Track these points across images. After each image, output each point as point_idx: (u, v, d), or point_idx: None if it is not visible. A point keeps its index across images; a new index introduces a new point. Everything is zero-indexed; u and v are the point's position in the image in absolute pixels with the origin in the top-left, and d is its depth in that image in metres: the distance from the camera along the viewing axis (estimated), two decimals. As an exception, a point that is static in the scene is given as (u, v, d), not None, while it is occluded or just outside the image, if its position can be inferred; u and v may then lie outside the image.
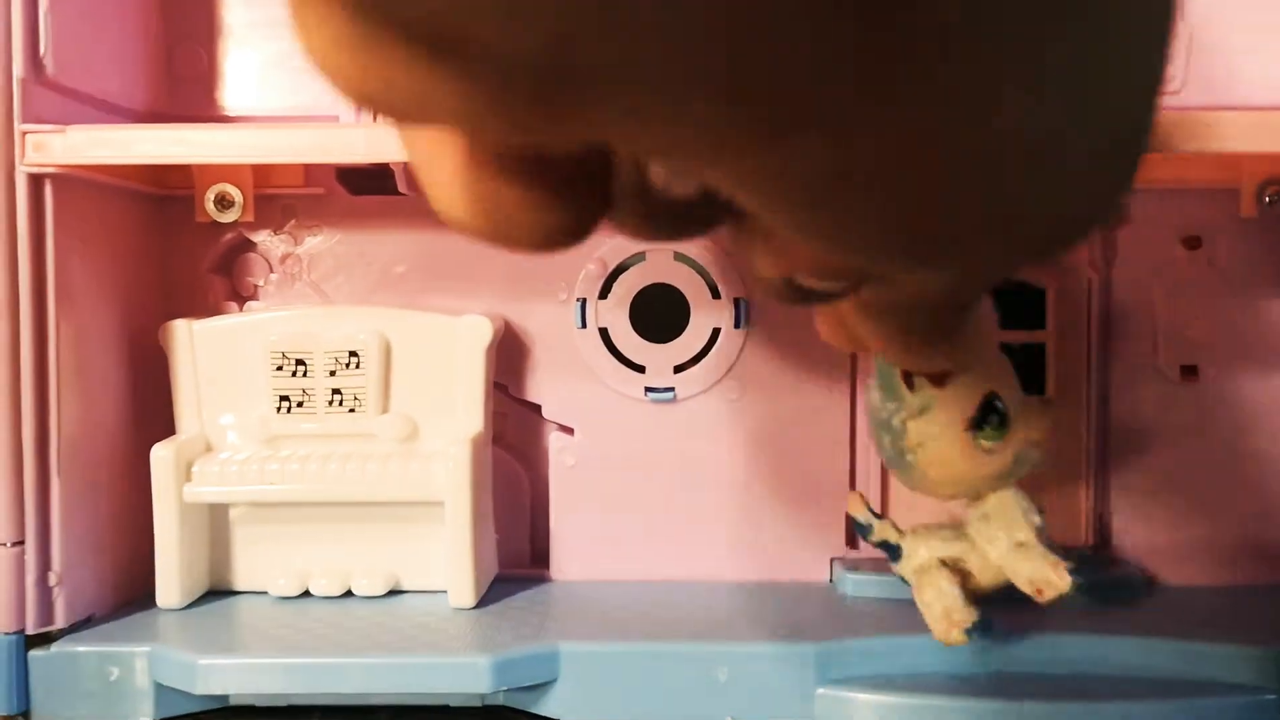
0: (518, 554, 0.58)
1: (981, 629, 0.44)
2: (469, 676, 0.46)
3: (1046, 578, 0.44)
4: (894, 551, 0.48)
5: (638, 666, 0.47)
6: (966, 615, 0.44)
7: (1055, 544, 0.45)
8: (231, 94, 0.57)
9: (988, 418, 0.44)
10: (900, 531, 0.48)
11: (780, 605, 0.52)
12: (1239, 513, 0.55)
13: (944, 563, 0.47)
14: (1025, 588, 0.44)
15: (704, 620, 0.50)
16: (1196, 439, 0.55)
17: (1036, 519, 0.46)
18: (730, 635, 0.48)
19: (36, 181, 0.47)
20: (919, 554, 0.47)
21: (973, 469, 0.45)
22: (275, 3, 0.56)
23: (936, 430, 0.44)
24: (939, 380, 0.44)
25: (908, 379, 0.44)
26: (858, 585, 0.54)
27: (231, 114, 0.57)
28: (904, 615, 0.50)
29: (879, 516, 0.49)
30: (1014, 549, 0.46)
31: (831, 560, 0.56)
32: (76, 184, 0.49)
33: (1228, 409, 0.55)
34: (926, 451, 0.44)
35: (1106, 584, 0.52)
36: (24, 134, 0.46)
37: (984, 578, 0.46)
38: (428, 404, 0.54)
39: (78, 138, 0.47)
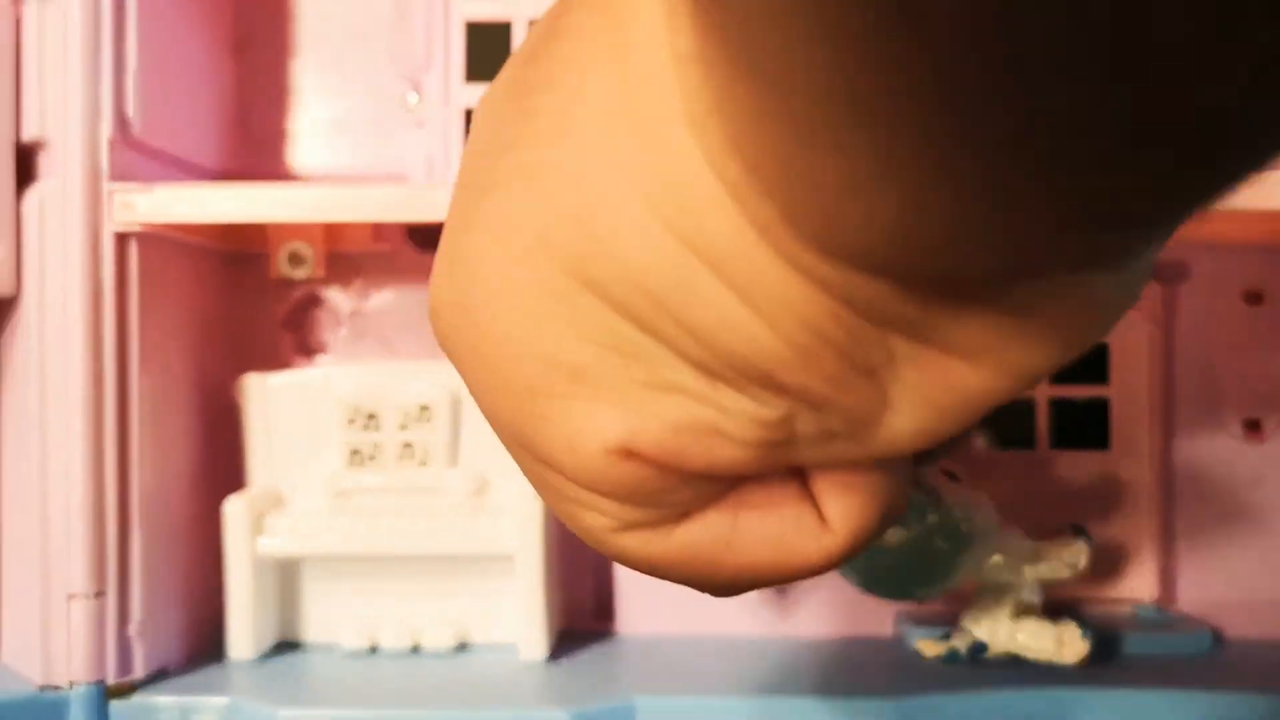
0: (580, 607, 0.58)
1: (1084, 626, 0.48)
2: (546, 731, 0.46)
3: (1053, 651, 0.46)
4: (983, 646, 0.50)
5: (712, 721, 0.47)
6: (1070, 628, 0.48)
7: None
8: (300, 153, 0.58)
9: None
10: (968, 628, 0.50)
11: (850, 661, 0.52)
12: (1305, 568, 0.55)
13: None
14: (1044, 657, 0.47)
15: (776, 675, 0.50)
16: (1261, 493, 0.55)
17: (1031, 572, 0.48)
18: (804, 691, 0.48)
19: (122, 240, 0.48)
20: (995, 628, 0.48)
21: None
22: (342, 65, 0.58)
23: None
24: None
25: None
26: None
27: (300, 173, 0.58)
28: (973, 671, 0.50)
29: (948, 635, 0.50)
30: (1014, 621, 0.49)
31: (896, 614, 0.56)
32: (158, 241, 0.50)
33: (1292, 464, 0.55)
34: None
35: (1174, 639, 0.52)
36: (112, 193, 0.48)
37: None
38: (498, 459, 0.54)
39: (163, 196, 0.48)
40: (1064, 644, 0.48)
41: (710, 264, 0.18)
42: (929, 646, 0.51)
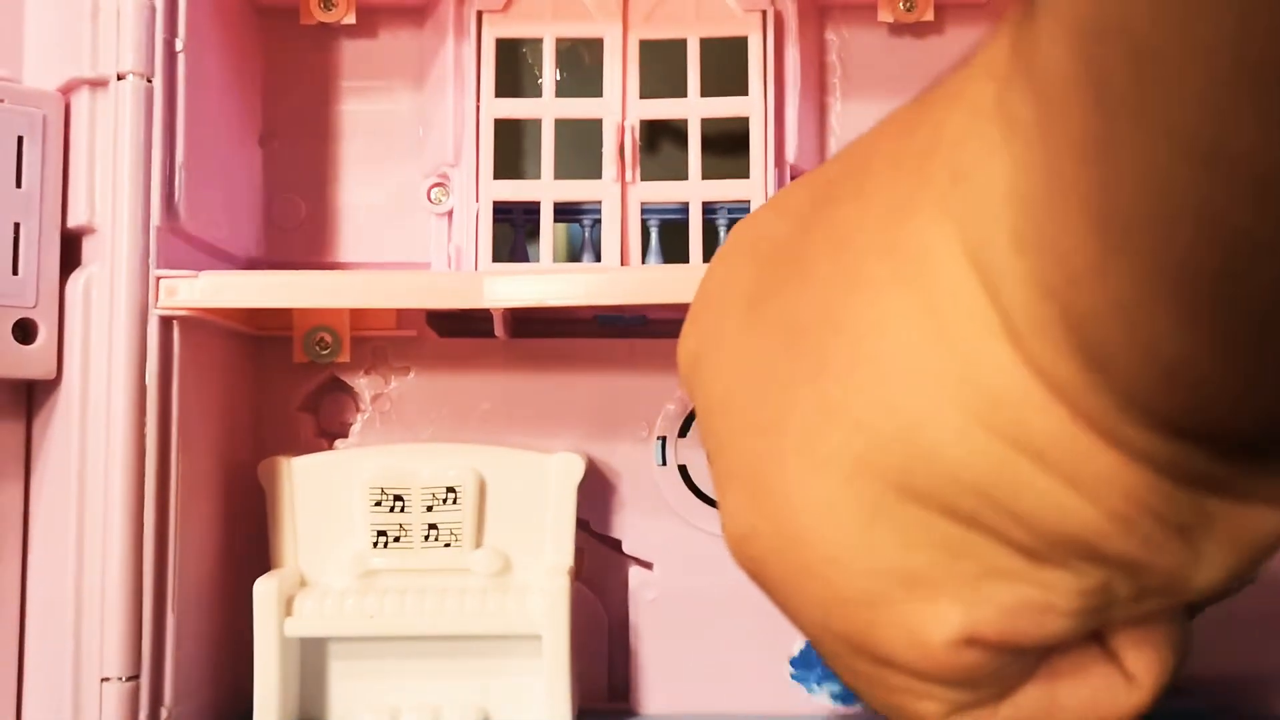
0: (595, 688, 0.59)
1: None
2: (586, 807, 0.47)
3: None
4: None
5: (745, 796, 0.48)
6: None
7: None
8: (324, 242, 0.60)
9: None
10: None
11: (866, 735, 0.54)
12: (1287, 642, 0.58)
13: None
14: None
15: (799, 750, 0.52)
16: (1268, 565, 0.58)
17: None
18: (830, 764, 0.50)
19: (166, 324, 0.49)
20: None
21: None
22: (369, 158, 0.60)
23: None
24: None
25: None
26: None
27: (324, 261, 0.60)
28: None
29: None
30: None
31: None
32: (195, 325, 0.51)
33: None
34: None
35: (1183, 714, 0.55)
36: (158, 279, 0.49)
37: None
38: (519, 538, 0.56)
39: (208, 283, 0.49)
40: None
41: (1034, 457, 0.20)
42: None
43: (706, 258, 0.56)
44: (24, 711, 0.51)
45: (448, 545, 0.55)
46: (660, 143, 0.63)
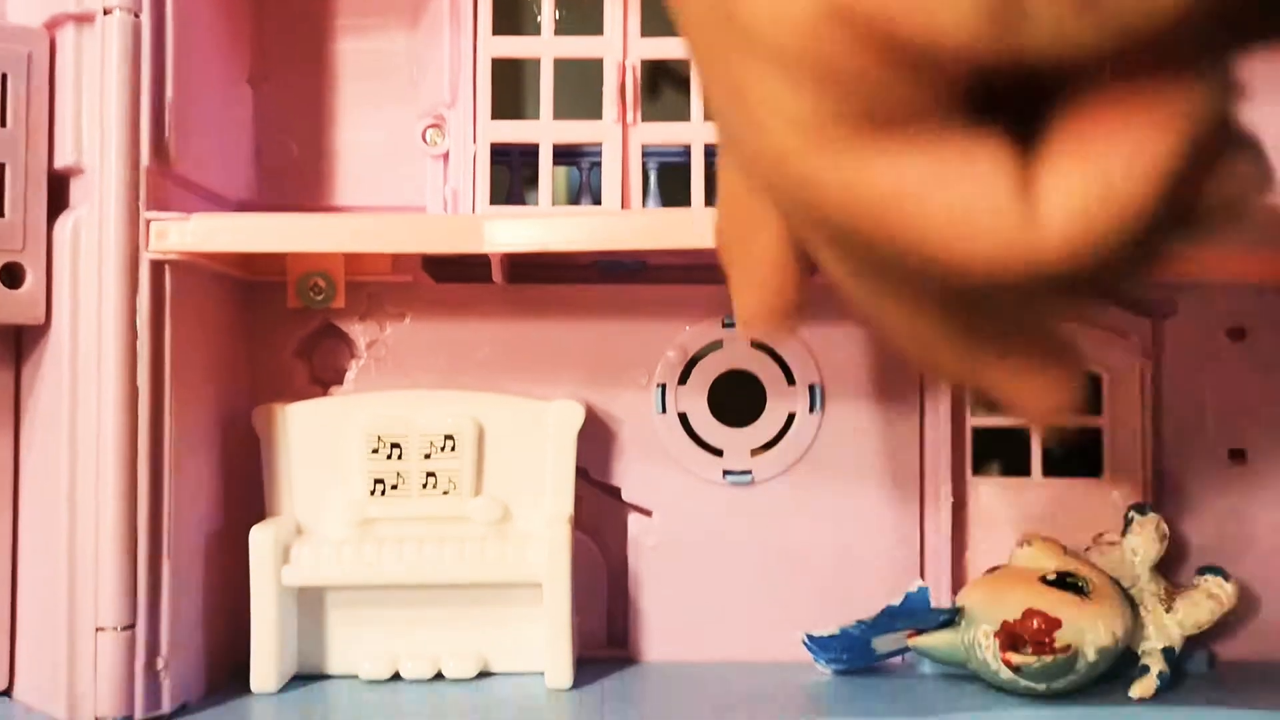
0: (594, 635, 0.59)
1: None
2: (589, 756, 0.47)
3: (1219, 606, 0.54)
4: (1171, 650, 0.54)
5: (748, 744, 0.48)
6: (1210, 580, 0.54)
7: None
8: (317, 186, 0.59)
9: (1063, 584, 0.52)
10: (1150, 650, 0.54)
11: (868, 686, 0.54)
12: (1286, 589, 0.58)
13: None
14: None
15: (803, 699, 0.52)
16: (1245, 519, 0.58)
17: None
18: (836, 713, 0.50)
19: (158, 268, 0.48)
20: (1166, 629, 0.54)
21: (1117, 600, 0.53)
22: (365, 100, 0.58)
23: (1099, 621, 0.51)
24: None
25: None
26: (935, 665, 0.56)
27: (317, 205, 0.58)
28: (987, 694, 0.52)
29: (1146, 669, 0.53)
30: (1169, 612, 0.54)
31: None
32: (186, 269, 0.50)
33: (1275, 492, 0.58)
34: (1120, 630, 0.51)
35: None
36: (148, 222, 0.48)
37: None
38: (519, 486, 0.55)
39: (200, 226, 0.48)
40: (1215, 594, 0.53)
41: None
42: (1141, 688, 0.52)
43: (709, 201, 0.55)
44: (17, 662, 0.50)
45: (446, 493, 0.54)
46: (661, 85, 0.61)
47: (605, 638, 0.59)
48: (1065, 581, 0.52)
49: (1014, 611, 0.50)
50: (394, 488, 0.54)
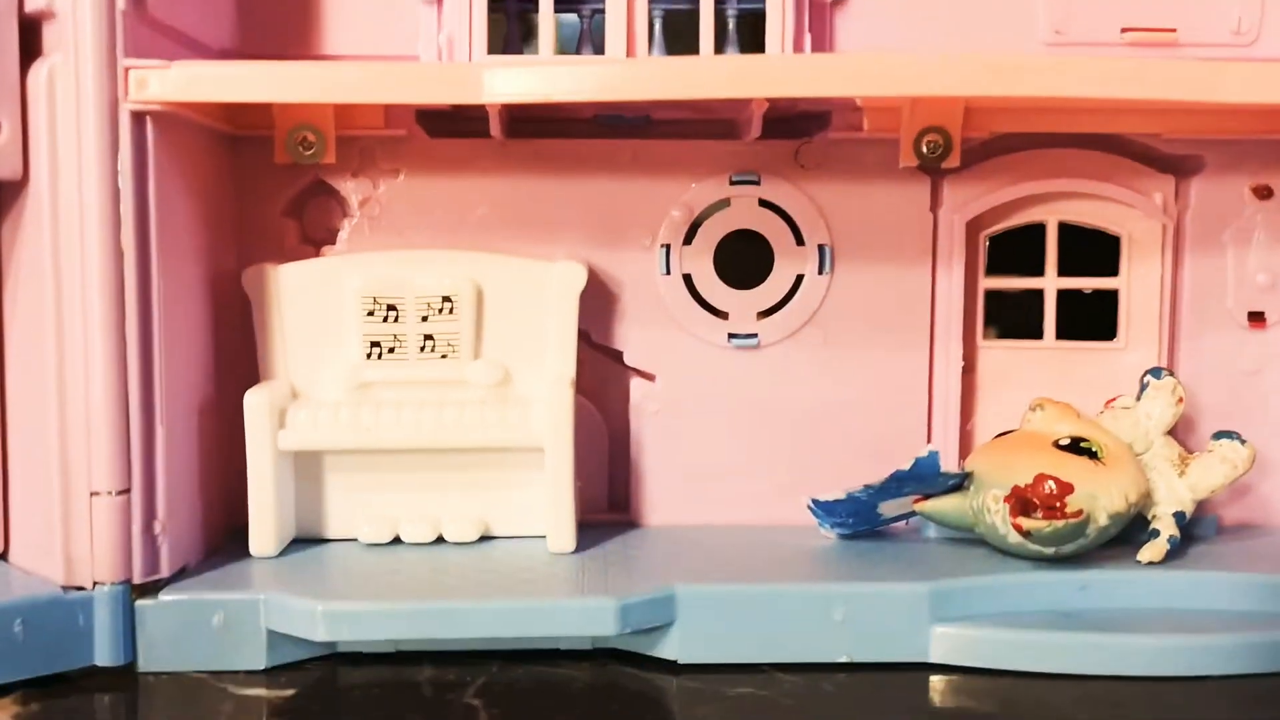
0: (596, 500, 0.58)
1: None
2: (595, 620, 0.46)
3: (1234, 471, 0.53)
4: (1182, 515, 0.53)
5: (755, 608, 0.47)
6: (1226, 445, 0.54)
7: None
8: (303, 33, 0.55)
9: (1077, 449, 0.51)
10: (1160, 514, 0.53)
11: (873, 550, 0.53)
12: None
13: None
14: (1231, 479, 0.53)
15: (807, 562, 0.51)
16: (1262, 381, 0.57)
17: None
18: (841, 576, 0.49)
19: (138, 120, 0.46)
20: (1178, 494, 0.54)
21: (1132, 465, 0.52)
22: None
23: (1113, 485, 0.50)
24: None
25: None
26: (941, 529, 0.55)
27: (302, 54, 0.55)
28: (993, 558, 0.51)
29: (1156, 533, 0.52)
30: (1182, 477, 0.54)
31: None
32: (169, 121, 0.47)
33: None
34: (1134, 494, 0.50)
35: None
36: (127, 70, 0.45)
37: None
38: (519, 350, 0.53)
39: (182, 74, 0.45)
40: (1229, 458, 0.53)
41: None
42: (1151, 552, 0.51)
43: (718, 49, 0.52)
44: (12, 525, 0.50)
45: (444, 356, 0.53)
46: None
47: (607, 502, 0.58)
48: (1078, 446, 0.51)
49: (1025, 476, 0.50)
50: (391, 351, 0.53)
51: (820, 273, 0.56)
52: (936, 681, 0.46)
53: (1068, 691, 0.45)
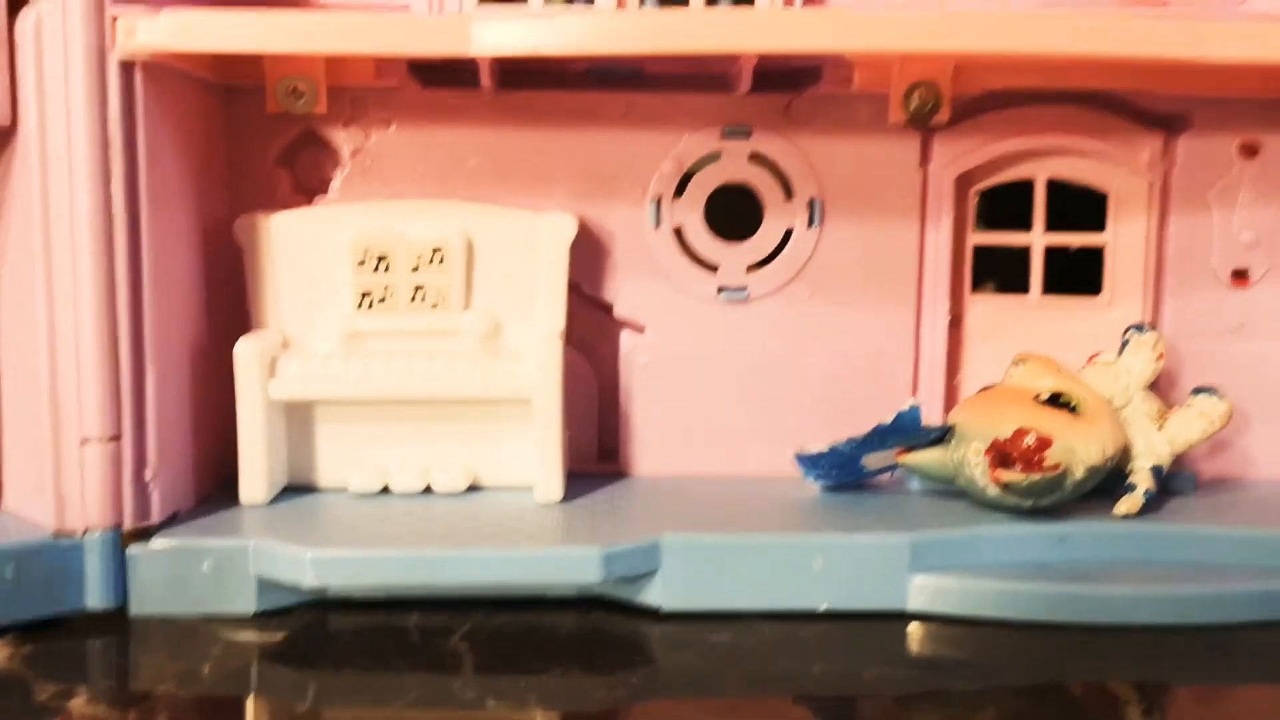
0: (585, 451, 0.59)
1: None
2: (579, 567, 0.47)
3: (1210, 425, 0.54)
4: (1159, 469, 0.53)
5: (737, 557, 0.48)
6: (1204, 399, 0.54)
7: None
8: (294, -19, 0.55)
9: (1056, 403, 0.52)
10: (1138, 468, 0.54)
11: (856, 501, 0.54)
12: None
13: None
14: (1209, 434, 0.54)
15: (790, 513, 0.52)
16: (1243, 339, 0.57)
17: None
18: (822, 527, 0.50)
19: (127, 69, 0.46)
20: (1155, 447, 0.54)
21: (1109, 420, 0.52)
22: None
23: (1091, 439, 0.50)
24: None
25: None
26: (923, 481, 0.56)
27: (291, 1, 0.55)
28: (972, 510, 0.52)
29: (1132, 487, 0.53)
30: (1161, 430, 0.54)
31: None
32: (158, 70, 0.47)
33: (1275, 314, 0.57)
34: (1111, 448, 0.51)
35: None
36: (114, 18, 0.45)
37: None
38: (509, 301, 0.54)
39: (171, 22, 0.45)
40: (1206, 412, 0.53)
41: None
42: (1128, 505, 0.52)
43: (709, 2, 0.52)
44: (4, 472, 0.50)
45: (435, 307, 0.53)
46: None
47: (596, 453, 0.59)
48: (1058, 400, 0.51)
49: (1005, 429, 0.50)
50: (381, 301, 0.53)
51: (810, 226, 0.56)
52: (914, 630, 0.47)
53: (1045, 640, 0.46)
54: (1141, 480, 0.52)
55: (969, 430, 0.52)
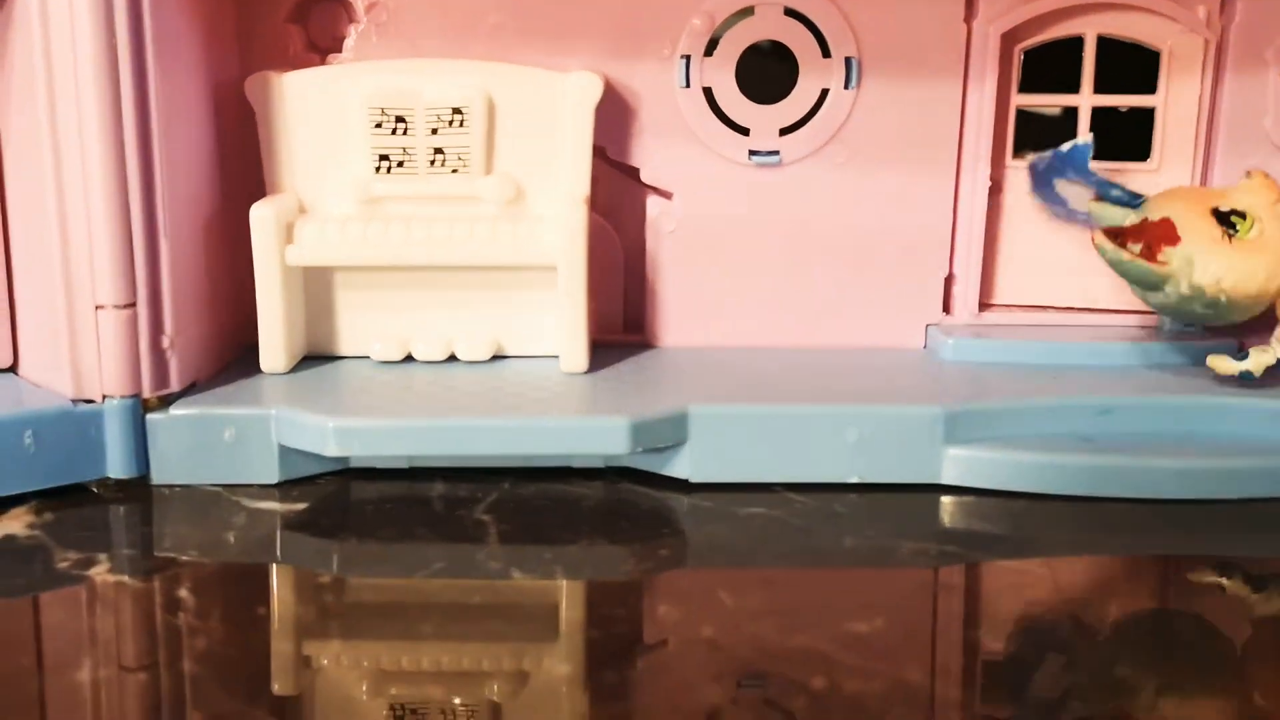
0: (610, 320, 0.57)
1: None
2: (607, 438, 0.46)
3: None
4: None
5: (768, 428, 0.47)
6: None
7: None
8: None
9: (1225, 218, 0.49)
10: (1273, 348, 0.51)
11: (889, 370, 0.53)
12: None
13: None
14: None
15: (822, 384, 0.50)
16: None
17: None
18: (855, 398, 0.49)
19: (128, -86, 0.43)
20: None
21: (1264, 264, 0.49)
22: None
23: (1214, 263, 0.48)
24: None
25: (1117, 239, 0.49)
26: (956, 350, 0.54)
27: None
28: (1009, 379, 0.51)
29: (1244, 354, 0.50)
30: None
31: (927, 327, 0.56)
32: (162, -81, 0.45)
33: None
34: (1230, 283, 0.48)
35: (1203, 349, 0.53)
36: None
37: None
38: (532, 165, 0.52)
39: None
40: None
41: None
42: (1222, 364, 0.50)
43: None
44: (20, 339, 0.49)
45: (455, 171, 0.51)
46: None
47: (622, 323, 0.58)
48: (1228, 218, 0.49)
49: (1163, 214, 0.50)
50: (400, 165, 0.51)
51: (846, 87, 0.54)
52: (948, 503, 0.46)
53: (1081, 514, 0.45)
54: (1261, 354, 0.50)
55: (1150, 206, 0.51)
